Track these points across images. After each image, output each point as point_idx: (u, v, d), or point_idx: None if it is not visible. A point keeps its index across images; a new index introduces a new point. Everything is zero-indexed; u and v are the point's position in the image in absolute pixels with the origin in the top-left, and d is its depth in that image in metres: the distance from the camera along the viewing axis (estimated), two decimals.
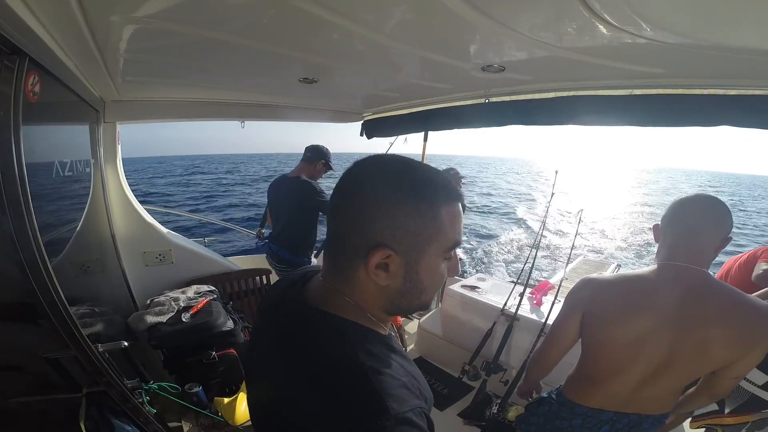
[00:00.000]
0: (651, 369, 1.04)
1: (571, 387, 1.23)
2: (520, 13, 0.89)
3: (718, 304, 0.96)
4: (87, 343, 1.07)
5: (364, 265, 0.52)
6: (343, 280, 0.56)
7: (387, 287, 0.54)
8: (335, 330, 0.53)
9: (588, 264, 7.22)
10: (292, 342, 0.55)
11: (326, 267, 0.59)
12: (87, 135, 1.84)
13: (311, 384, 0.48)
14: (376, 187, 0.52)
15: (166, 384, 1.46)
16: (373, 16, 0.95)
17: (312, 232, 2.71)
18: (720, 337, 0.95)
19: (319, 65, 1.48)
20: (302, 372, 0.50)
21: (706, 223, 0.99)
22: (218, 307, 1.86)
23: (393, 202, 0.51)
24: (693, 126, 1.43)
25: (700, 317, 0.96)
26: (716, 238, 0.99)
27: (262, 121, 2.59)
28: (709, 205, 1.00)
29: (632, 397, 1.09)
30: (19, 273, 0.90)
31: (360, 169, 0.55)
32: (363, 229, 0.52)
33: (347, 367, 0.49)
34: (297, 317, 0.58)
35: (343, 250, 0.55)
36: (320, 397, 0.47)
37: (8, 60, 0.83)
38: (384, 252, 0.51)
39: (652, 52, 1.05)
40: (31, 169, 0.91)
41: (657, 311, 1.00)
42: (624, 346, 1.05)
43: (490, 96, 1.92)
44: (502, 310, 2.52)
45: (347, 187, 0.55)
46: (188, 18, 0.96)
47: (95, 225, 1.95)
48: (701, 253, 1.00)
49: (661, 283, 1.02)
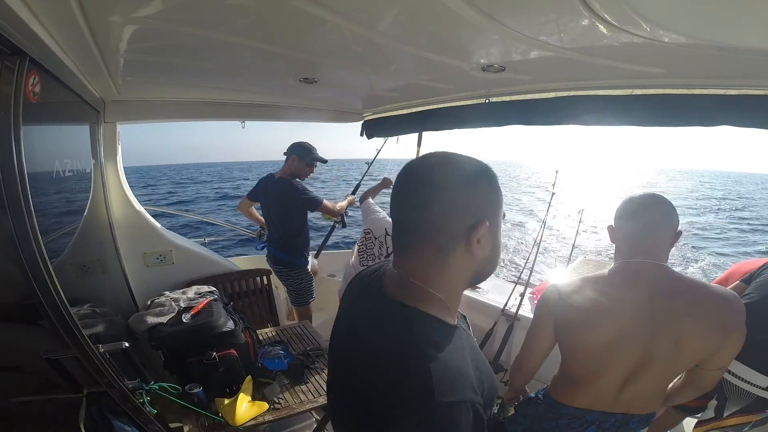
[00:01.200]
0: (630, 369, 1.05)
1: (556, 388, 1.24)
2: (520, 13, 0.89)
3: (685, 297, 0.98)
4: (88, 344, 1.07)
5: (465, 243, 0.59)
6: (428, 271, 0.62)
7: (480, 258, 0.61)
8: (409, 321, 0.59)
9: (589, 264, 7.20)
10: (374, 329, 0.63)
11: (403, 263, 0.64)
12: (87, 135, 1.84)
13: (384, 366, 0.56)
14: (455, 177, 0.60)
15: (166, 384, 1.46)
16: (373, 16, 0.95)
17: (303, 231, 2.69)
18: (692, 330, 0.96)
19: (319, 65, 1.48)
20: (380, 356, 0.58)
21: (661, 218, 1.02)
22: (219, 307, 1.85)
23: (473, 183, 0.61)
24: (693, 126, 1.43)
25: (669, 313, 0.97)
26: (670, 233, 1.02)
27: (262, 121, 2.59)
28: (659, 201, 1.03)
29: (617, 397, 1.10)
30: (20, 273, 0.90)
31: (433, 167, 0.62)
32: (463, 212, 0.59)
33: (414, 355, 0.55)
34: (379, 309, 0.65)
35: (438, 239, 0.60)
36: (388, 378, 0.55)
37: (9, 60, 0.83)
38: (483, 225, 0.59)
39: (652, 52, 1.05)
40: (32, 169, 0.91)
41: (624, 312, 1.01)
42: (599, 350, 1.05)
43: (491, 96, 1.92)
44: (503, 310, 2.52)
45: (427, 185, 0.60)
46: (188, 18, 0.97)
47: (96, 225, 1.95)
48: (659, 248, 1.02)
49: (624, 282, 1.03)
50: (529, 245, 12.00)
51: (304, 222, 2.69)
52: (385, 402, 0.54)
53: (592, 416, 1.14)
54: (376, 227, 2.39)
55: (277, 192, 2.58)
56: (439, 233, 0.60)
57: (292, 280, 2.75)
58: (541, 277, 3.95)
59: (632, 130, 6.08)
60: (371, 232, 2.40)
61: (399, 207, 0.64)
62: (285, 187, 2.55)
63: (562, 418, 1.18)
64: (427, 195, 0.59)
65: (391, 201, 0.66)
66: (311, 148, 2.61)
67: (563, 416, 1.18)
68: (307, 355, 2.02)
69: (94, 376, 1.12)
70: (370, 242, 2.38)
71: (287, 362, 1.91)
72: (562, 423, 1.18)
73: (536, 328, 1.18)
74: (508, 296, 2.58)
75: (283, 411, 1.62)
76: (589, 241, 14.13)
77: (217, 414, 1.54)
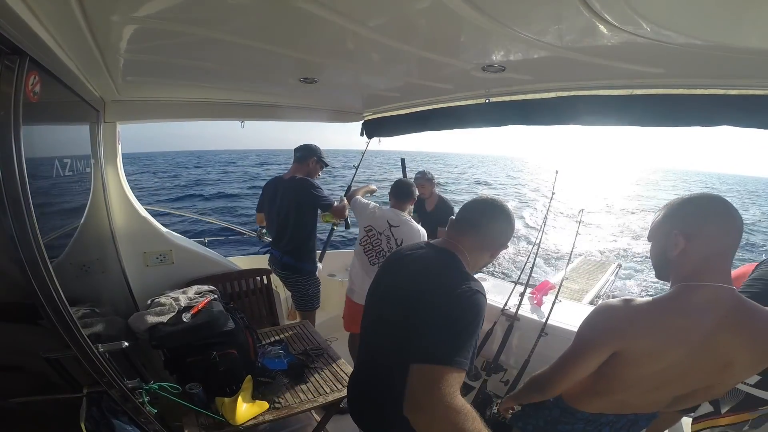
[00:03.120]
0: (662, 383, 0.99)
1: (572, 396, 1.19)
2: (520, 13, 0.90)
3: (750, 329, 0.88)
4: (87, 344, 1.07)
5: (490, 254, 1.15)
6: (474, 249, 1.11)
7: (488, 262, 1.19)
8: (457, 260, 1.08)
9: (589, 263, 7.21)
10: (441, 255, 1.11)
11: (457, 237, 1.13)
12: (87, 135, 1.84)
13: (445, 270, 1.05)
14: (508, 222, 1.13)
15: (166, 384, 1.45)
16: (374, 16, 0.95)
17: (312, 233, 2.65)
18: (745, 360, 0.90)
19: (319, 65, 1.48)
20: (443, 266, 1.07)
21: (740, 235, 0.87)
22: (219, 307, 1.85)
23: (510, 229, 1.15)
24: (693, 126, 1.43)
25: (730, 344, 0.88)
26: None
27: (262, 120, 2.59)
28: (736, 212, 0.87)
29: (634, 401, 1.08)
30: (20, 273, 0.90)
31: (507, 210, 1.14)
32: (500, 239, 1.15)
33: (459, 271, 1.04)
34: (440, 248, 1.13)
35: (489, 240, 1.13)
36: (447, 273, 1.03)
37: (9, 60, 0.83)
38: (503, 248, 1.17)
39: (653, 52, 1.05)
40: (32, 169, 0.91)
41: (691, 344, 0.90)
42: (644, 377, 0.98)
43: (491, 96, 1.92)
44: (503, 309, 2.52)
45: (504, 216, 1.13)
46: (188, 18, 0.97)
47: (95, 225, 1.95)
48: (730, 267, 0.89)
49: (698, 313, 0.89)
50: (529, 245, 12.01)
51: (316, 223, 2.65)
52: (441, 289, 0.98)
53: (606, 419, 1.14)
54: (376, 223, 2.36)
55: (295, 191, 2.53)
56: (489, 241, 1.13)
57: (300, 287, 2.69)
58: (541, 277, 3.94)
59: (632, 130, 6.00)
60: (373, 229, 2.36)
61: (479, 213, 1.13)
62: (303, 185, 2.52)
63: (578, 423, 1.17)
64: (498, 222, 1.12)
65: (472, 204, 1.17)
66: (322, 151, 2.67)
67: (579, 421, 1.17)
68: (307, 355, 2.01)
69: (93, 376, 1.12)
70: (375, 239, 2.35)
71: (287, 362, 1.91)
72: (577, 427, 1.17)
73: (586, 354, 1.00)
74: (508, 296, 2.58)
75: (283, 410, 1.62)
76: (589, 241, 14.13)
77: (218, 413, 1.54)
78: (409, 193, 2.35)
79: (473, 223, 1.12)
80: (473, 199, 1.18)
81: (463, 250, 1.09)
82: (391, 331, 1.07)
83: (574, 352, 1.03)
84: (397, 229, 2.27)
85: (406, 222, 2.28)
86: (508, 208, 1.14)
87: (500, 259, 11.26)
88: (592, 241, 14.38)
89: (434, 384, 0.82)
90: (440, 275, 1.02)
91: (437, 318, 0.91)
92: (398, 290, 1.10)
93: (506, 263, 10.88)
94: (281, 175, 2.69)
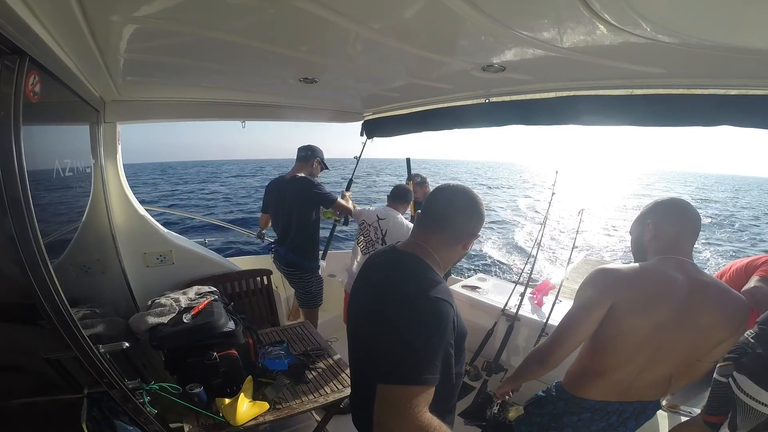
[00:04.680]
0: (655, 356, 1.10)
1: (573, 382, 1.24)
2: (520, 13, 0.89)
3: (714, 290, 1.08)
4: (88, 344, 1.07)
5: (462, 245, 1.03)
6: (440, 245, 1.01)
7: (462, 255, 1.06)
8: (417, 262, 0.98)
9: (589, 264, 7.21)
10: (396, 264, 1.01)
11: (422, 236, 1.02)
12: (87, 135, 1.84)
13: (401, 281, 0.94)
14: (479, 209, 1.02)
15: (167, 384, 1.45)
16: (374, 16, 0.95)
17: (317, 230, 2.71)
18: (720, 319, 1.06)
19: (319, 65, 1.48)
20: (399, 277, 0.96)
21: (698, 223, 1.15)
22: (219, 307, 1.85)
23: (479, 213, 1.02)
24: (693, 126, 1.43)
25: (705, 303, 1.06)
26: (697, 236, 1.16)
27: (262, 120, 2.60)
28: (693, 209, 1.16)
29: (632, 384, 1.14)
30: (20, 274, 0.90)
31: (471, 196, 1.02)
32: (473, 227, 1.02)
33: (418, 276, 0.94)
34: (398, 254, 1.03)
35: (455, 233, 1.01)
36: (402, 285, 0.93)
37: (8, 60, 0.83)
38: (475, 237, 1.03)
39: (653, 52, 1.05)
40: (32, 169, 0.91)
41: (672, 302, 1.06)
42: (638, 337, 1.09)
43: (491, 96, 1.92)
44: (503, 310, 2.53)
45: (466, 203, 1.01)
46: (188, 18, 0.97)
47: (96, 225, 1.95)
48: (691, 248, 1.15)
49: (671, 274, 1.09)
50: (529, 245, 12.01)
51: (319, 220, 2.72)
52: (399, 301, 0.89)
53: (612, 407, 1.18)
54: (368, 216, 2.63)
55: (296, 189, 2.60)
56: (456, 231, 1.01)
57: (303, 284, 2.76)
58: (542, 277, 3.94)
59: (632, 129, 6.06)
60: (365, 221, 2.63)
61: (440, 206, 1.02)
62: (304, 183, 2.59)
63: (584, 412, 1.20)
64: (461, 209, 1.01)
65: (433, 196, 1.05)
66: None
67: (585, 410, 1.20)
68: (307, 355, 2.01)
69: (94, 377, 1.12)
70: (366, 230, 2.62)
71: (288, 362, 1.91)
72: (585, 416, 1.20)
73: (587, 310, 1.12)
74: (508, 296, 2.58)
75: (284, 411, 1.62)
76: (590, 241, 14.14)
77: (218, 414, 1.54)
78: (401, 195, 2.62)
79: (437, 218, 1.02)
80: (434, 190, 1.07)
81: (431, 250, 1.00)
82: (362, 347, 1.04)
83: (576, 312, 1.15)
84: (384, 221, 2.52)
85: (393, 216, 2.52)
86: (472, 194, 1.04)
87: (501, 260, 11.27)
88: (592, 241, 14.38)
89: (396, 404, 0.79)
90: (398, 287, 0.93)
91: (396, 335, 0.85)
92: (363, 307, 1.04)
93: (506, 263, 10.88)
94: (284, 175, 2.73)
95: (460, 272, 7.76)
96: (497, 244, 12.93)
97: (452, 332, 0.88)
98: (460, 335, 0.93)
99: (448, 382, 0.88)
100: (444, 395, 0.91)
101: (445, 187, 1.05)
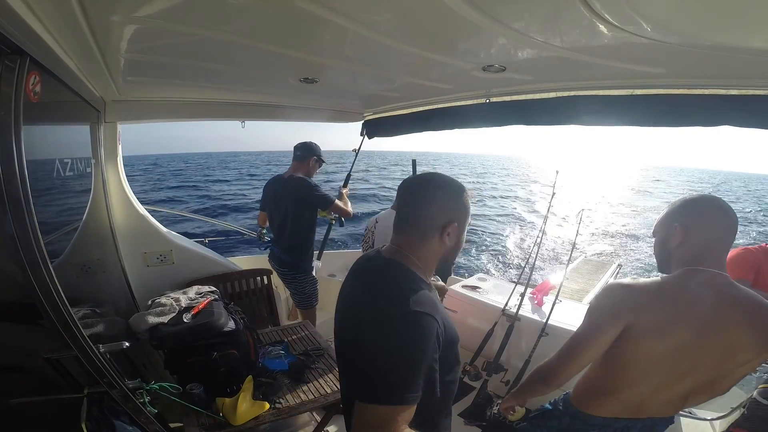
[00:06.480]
0: (673, 376, 1.01)
1: (581, 398, 1.17)
2: (520, 13, 0.89)
3: (747, 309, 0.94)
4: (88, 344, 1.07)
5: (439, 235, 0.89)
6: (416, 243, 0.91)
7: (447, 246, 0.92)
8: (398, 269, 0.90)
9: (589, 264, 7.21)
10: (375, 274, 0.93)
11: (398, 238, 0.94)
12: (88, 135, 1.85)
13: (378, 294, 0.87)
14: (448, 192, 0.92)
15: (167, 384, 1.45)
16: (374, 16, 0.95)
17: (311, 231, 2.68)
18: (750, 341, 0.94)
19: (319, 65, 1.48)
20: (377, 289, 0.88)
21: (735, 229, 0.98)
22: (219, 307, 1.85)
23: (456, 198, 0.91)
24: (694, 126, 1.43)
25: (733, 324, 0.94)
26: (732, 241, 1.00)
27: (262, 120, 2.60)
28: (731, 209, 0.99)
29: (646, 402, 1.06)
30: (20, 273, 0.90)
31: (431, 181, 0.93)
32: (443, 214, 0.89)
33: (397, 286, 0.86)
34: (379, 262, 0.94)
35: (425, 226, 0.90)
36: (380, 299, 0.85)
37: (9, 60, 0.83)
38: (453, 224, 0.90)
39: (653, 52, 1.05)
40: (32, 169, 0.91)
41: (696, 323, 0.95)
42: (655, 359, 1.00)
43: (491, 96, 1.92)
44: (503, 310, 2.53)
45: (426, 191, 0.92)
46: (189, 18, 0.97)
47: (96, 225, 1.95)
48: (725, 256, 0.99)
49: (698, 292, 0.97)
50: (529, 245, 12.01)
51: (314, 222, 2.68)
52: (374, 314, 0.83)
53: (621, 423, 1.09)
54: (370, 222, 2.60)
55: (293, 190, 2.57)
56: (425, 224, 0.90)
57: (297, 284, 2.73)
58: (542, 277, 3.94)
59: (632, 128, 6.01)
60: (367, 227, 2.59)
61: (404, 201, 0.93)
62: (300, 184, 2.56)
63: (591, 429, 1.13)
64: (425, 199, 0.91)
65: (397, 196, 0.96)
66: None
67: (592, 427, 1.12)
68: (307, 355, 2.01)
69: (94, 376, 1.12)
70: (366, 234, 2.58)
71: (288, 362, 1.91)
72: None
73: (600, 331, 1.02)
74: (508, 296, 2.58)
75: (284, 411, 1.62)
76: (590, 241, 14.14)
77: (218, 414, 1.54)
78: None
79: (403, 215, 0.93)
80: (399, 185, 0.97)
81: (407, 253, 0.91)
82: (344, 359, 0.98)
83: (586, 331, 1.05)
84: (378, 224, 2.45)
85: (384, 219, 2.43)
86: (438, 178, 0.94)
87: (501, 260, 11.27)
88: (592, 242, 14.38)
89: (374, 424, 0.76)
90: (377, 301, 0.85)
91: (374, 352, 0.80)
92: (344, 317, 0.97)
93: (507, 263, 10.88)
94: (281, 174, 2.72)
95: (461, 272, 7.76)
96: (497, 244, 12.93)
97: (436, 346, 0.81)
98: (449, 343, 0.87)
99: (433, 395, 0.83)
100: (432, 406, 0.87)
101: (407, 179, 0.97)
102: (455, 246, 0.94)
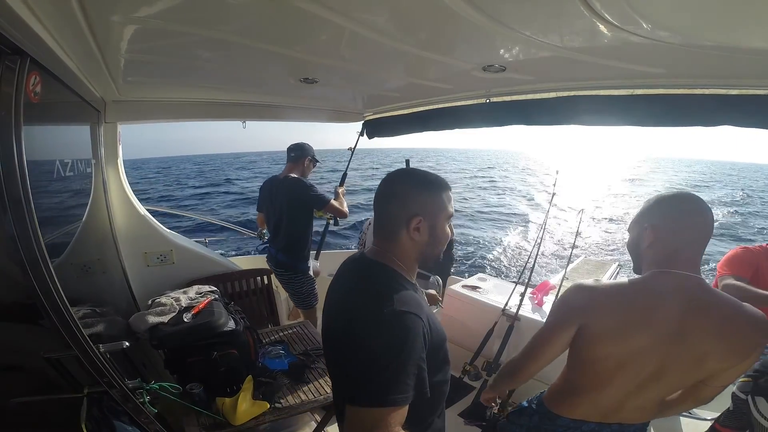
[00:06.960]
0: (640, 381, 0.99)
1: (553, 398, 1.18)
2: (520, 13, 0.89)
3: (717, 315, 0.91)
4: (88, 344, 1.07)
5: (406, 229, 0.88)
6: (390, 243, 0.91)
7: (419, 242, 0.90)
8: (380, 270, 0.90)
9: (589, 264, 7.19)
10: (359, 275, 0.93)
11: (376, 241, 0.94)
12: (88, 135, 1.85)
13: (362, 295, 0.86)
14: (407, 185, 0.90)
15: (167, 384, 1.46)
16: (374, 16, 0.95)
17: (307, 231, 2.68)
18: (717, 350, 0.91)
19: (319, 65, 1.48)
20: (361, 290, 0.88)
21: (710, 230, 0.94)
22: (220, 307, 1.85)
23: (418, 191, 0.89)
24: (694, 126, 1.43)
25: (699, 331, 0.91)
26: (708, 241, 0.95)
27: (262, 120, 2.60)
28: (707, 209, 0.94)
29: (616, 407, 1.05)
30: (21, 273, 0.90)
31: (394, 177, 0.93)
32: (404, 209, 0.88)
33: (381, 287, 0.85)
34: (362, 264, 0.94)
35: (390, 225, 0.90)
36: (364, 300, 0.85)
37: (9, 60, 0.83)
38: (417, 218, 0.87)
39: (653, 52, 1.05)
40: (33, 169, 0.91)
41: (657, 328, 0.93)
42: (617, 362, 0.98)
43: (491, 96, 1.92)
44: (503, 310, 2.53)
45: (388, 188, 0.92)
46: (189, 18, 0.97)
47: (96, 225, 1.95)
48: (699, 258, 0.95)
49: (662, 296, 0.94)
50: (529, 245, 12.01)
51: (310, 222, 2.68)
52: (359, 316, 0.82)
53: (588, 427, 1.09)
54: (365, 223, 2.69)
55: (288, 190, 2.57)
56: (390, 221, 0.90)
57: (294, 285, 2.73)
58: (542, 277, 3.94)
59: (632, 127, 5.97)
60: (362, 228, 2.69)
61: (376, 203, 0.93)
62: (295, 184, 2.56)
63: (557, 429, 1.14)
64: (387, 196, 0.91)
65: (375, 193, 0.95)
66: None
67: (559, 427, 1.14)
68: (307, 355, 2.01)
69: (94, 376, 1.12)
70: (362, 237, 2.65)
71: (288, 362, 1.91)
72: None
73: (553, 331, 1.05)
74: (508, 296, 2.58)
75: (284, 411, 1.62)
76: (590, 240, 14.12)
77: (218, 414, 1.54)
78: None
79: (376, 216, 0.93)
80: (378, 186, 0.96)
81: (386, 252, 0.91)
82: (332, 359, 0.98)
83: (545, 331, 1.07)
84: (370, 225, 2.41)
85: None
86: (405, 172, 0.94)
87: (501, 260, 11.27)
88: (592, 242, 14.37)
89: (364, 427, 0.75)
90: (361, 302, 0.85)
91: (360, 355, 0.79)
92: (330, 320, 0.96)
93: (507, 263, 10.88)
94: (277, 175, 2.72)
95: (461, 272, 7.77)
96: (497, 244, 12.93)
97: (423, 345, 0.80)
98: (437, 343, 0.86)
99: (423, 395, 0.82)
100: (423, 407, 0.87)
101: (384, 179, 0.95)
102: (431, 241, 0.91)
